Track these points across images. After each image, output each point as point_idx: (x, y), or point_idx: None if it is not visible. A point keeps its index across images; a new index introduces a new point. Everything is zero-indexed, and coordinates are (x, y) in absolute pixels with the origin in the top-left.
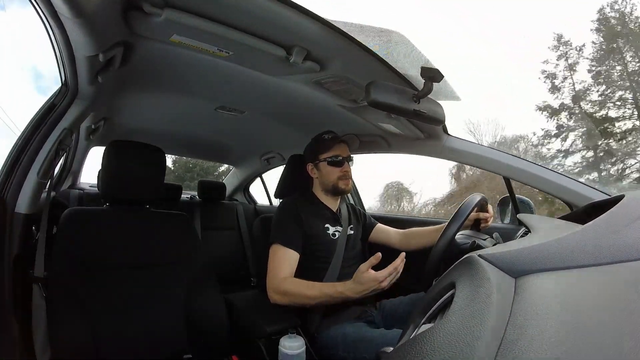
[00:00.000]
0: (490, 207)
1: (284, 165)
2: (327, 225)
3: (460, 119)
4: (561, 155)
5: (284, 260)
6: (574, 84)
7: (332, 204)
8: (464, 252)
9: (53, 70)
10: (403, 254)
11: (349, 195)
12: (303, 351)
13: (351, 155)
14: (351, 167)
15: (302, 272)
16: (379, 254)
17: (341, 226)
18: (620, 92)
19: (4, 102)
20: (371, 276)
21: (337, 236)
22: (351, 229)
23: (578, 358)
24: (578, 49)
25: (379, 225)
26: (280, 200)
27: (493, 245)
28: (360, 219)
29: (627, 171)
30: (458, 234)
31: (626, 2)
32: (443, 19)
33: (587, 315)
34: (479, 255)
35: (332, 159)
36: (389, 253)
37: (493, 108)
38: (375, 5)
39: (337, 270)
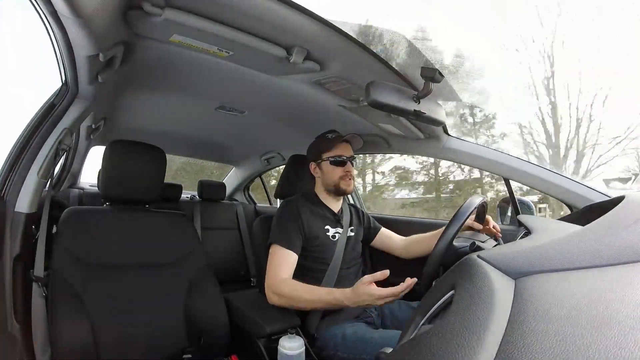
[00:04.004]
0: (489, 218)
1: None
2: (327, 226)
3: None
4: None
5: (283, 262)
6: None
7: (334, 204)
8: (463, 254)
9: (53, 70)
10: (411, 281)
11: (349, 195)
12: (303, 351)
13: (354, 156)
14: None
15: (301, 273)
16: (387, 272)
17: (342, 227)
18: None
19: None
20: (370, 291)
21: (336, 238)
22: (351, 230)
23: (577, 359)
24: None
25: (384, 230)
26: (281, 200)
27: (493, 247)
28: (362, 221)
29: None
30: (457, 235)
31: None
32: None
33: (587, 317)
34: (479, 257)
35: (335, 159)
36: (392, 256)
37: None
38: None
39: (335, 272)
